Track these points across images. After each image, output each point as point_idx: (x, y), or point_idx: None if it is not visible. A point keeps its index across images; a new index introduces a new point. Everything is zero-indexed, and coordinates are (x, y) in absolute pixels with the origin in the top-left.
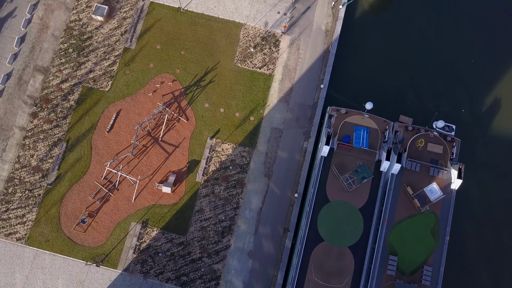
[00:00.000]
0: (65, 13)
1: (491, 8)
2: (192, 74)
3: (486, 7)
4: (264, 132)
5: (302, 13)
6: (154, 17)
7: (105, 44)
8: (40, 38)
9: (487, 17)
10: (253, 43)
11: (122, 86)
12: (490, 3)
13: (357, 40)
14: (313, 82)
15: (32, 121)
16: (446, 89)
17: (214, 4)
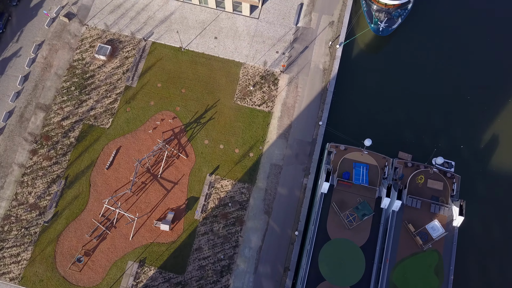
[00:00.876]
0: (69, 53)
1: (484, 46)
2: (193, 111)
3: (479, 45)
4: (263, 169)
5: (300, 52)
6: (156, 56)
7: (107, 83)
8: (43, 76)
9: (482, 54)
10: (252, 82)
11: (123, 123)
12: (483, 41)
13: (354, 78)
14: (312, 119)
15: (32, 158)
16: (444, 125)
17: (214, 44)
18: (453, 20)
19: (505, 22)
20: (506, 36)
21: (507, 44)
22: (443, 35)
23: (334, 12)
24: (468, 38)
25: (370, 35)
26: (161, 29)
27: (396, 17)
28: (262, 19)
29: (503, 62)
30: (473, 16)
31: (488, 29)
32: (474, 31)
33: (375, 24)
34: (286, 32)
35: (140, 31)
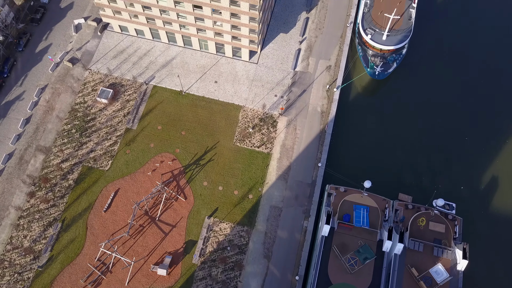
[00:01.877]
0: (71, 96)
1: (479, 89)
2: (192, 153)
3: (473, 87)
4: (263, 211)
5: (298, 95)
6: (157, 99)
7: (107, 125)
8: (45, 119)
9: (476, 96)
10: (251, 124)
11: (122, 165)
12: (476, 83)
13: (352, 120)
14: (311, 161)
15: (29, 201)
16: (443, 166)
17: (214, 88)
18: (447, 63)
19: (498, 66)
20: (500, 79)
21: (502, 87)
22: (438, 78)
23: (331, 57)
24: (462, 81)
25: (366, 78)
26: (163, 73)
27: (391, 61)
28: (261, 64)
29: (499, 104)
30: (466, 60)
31: (481, 71)
32: (468, 74)
33: (371, 68)
34: (284, 76)
35: (142, 75)
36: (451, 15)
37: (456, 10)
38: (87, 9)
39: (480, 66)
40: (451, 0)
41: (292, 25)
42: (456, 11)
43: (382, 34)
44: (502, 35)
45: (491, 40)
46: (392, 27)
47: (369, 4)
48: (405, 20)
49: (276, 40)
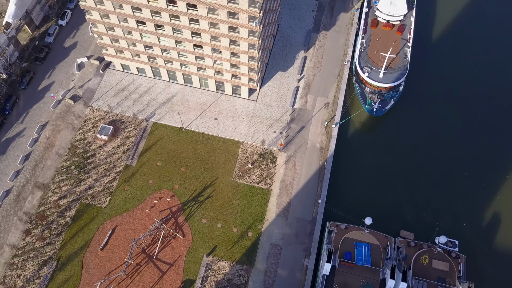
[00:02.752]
0: (72, 133)
1: (475, 125)
2: (191, 189)
3: (470, 123)
4: (262, 249)
5: (297, 132)
6: (156, 136)
7: (107, 162)
8: (44, 156)
9: (472, 132)
10: (251, 160)
11: (120, 202)
12: (473, 120)
13: (352, 156)
14: (311, 197)
15: (24, 239)
16: (444, 202)
17: (214, 124)
18: (444, 99)
19: (495, 101)
20: (498, 113)
21: (500, 121)
22: (435, 114)
23: (329, 94)
24: (459, 116)
25: (364, 115)
26: (163, 110)
27: (388, 98)
28: (260, 101)
29: (497, 138)
30: (462, 95)
31: (478, 106)
32: (465, 109)
33: (369, 105)
34: (283, 113)
35: (142, 112)
36: (446, 53)
37: (450, 47)
38: (90, 49)
39: (477, 100)
40: (445, 39)
41: (291, 63)
42: (450, 49)
43: (379, 72)
44: (498, 69)
45: (487, 74)
46: (389, 65)
47: (366, 44)
48: (401, 59)
49: (275, 78)
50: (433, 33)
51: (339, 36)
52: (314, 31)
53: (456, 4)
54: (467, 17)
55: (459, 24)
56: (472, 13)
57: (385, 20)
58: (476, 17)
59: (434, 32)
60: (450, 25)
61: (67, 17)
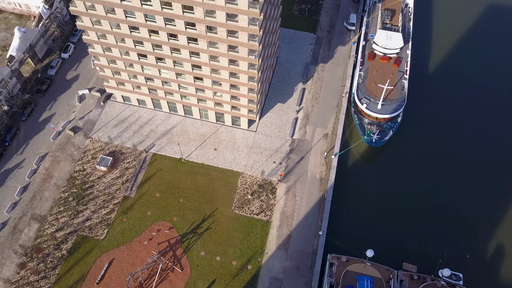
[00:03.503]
0: (71, 164)
1: (475, 153)
2: (190, 221)
3: (469, 151)
4: (262, 283)
5: (296, 162)
6: (156, 166)
7: (105, 193)
8: (42, 187)
9: (475, 162)
10: (250, 190)
11: (118, 234)
12: (474, 148)
13: (352, 187)
14: (311, 229)
15: (19, 272)
16: (447, 234)
17: (213, 155)
18: (443, 130)
19: (494, 132)
20: (497, 146)
21: (498, 154)
22: (434, 145)
23: (328, 125)
24: (459, 148)
25: (364, 146)
26: (163, 141)
27: (387, 129)
28: (260, 132)
29: (497, 170)
30: (461, 127)
31: (475, 138)
32: (464, 141)
33: (368, 136)
34: (282, 143)
35: (142, 143)
36: (442, 84)
37: (446, 80)
38: (92, 81)
39: (475, 131)
40: (441, 71)
41: (289, 95)
42: (446, 81)
43: (377, 103)
44: (494, 99)
45: (484, 105)
46: (386, 97)
47: (363, 76)
48: (399, 90)
49: (274, 110)
50: (429, 65)
51: (337, 68)
52: (313, 64)
53: (451, 37)
54: (462, 49)
55: (454, 56)
56: (467, 46)
57: (382, 53)
58: (470, 50)
59: (430, 64)
60: (446, 58)
61: (70, 51)
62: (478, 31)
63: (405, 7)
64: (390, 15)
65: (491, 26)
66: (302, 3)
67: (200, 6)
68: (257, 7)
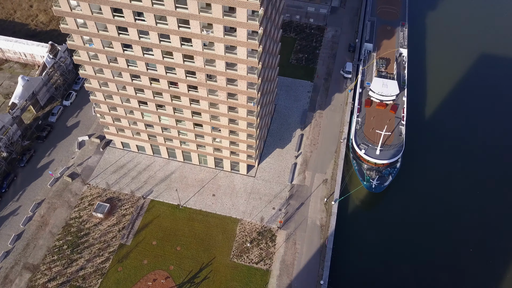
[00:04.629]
0: (67, 211)
1: (476, 197)
2: (187, 270)
3: (470, 196)
4: None
5: (296, 208)
6: (153, 213)
7: (101, 241)
8: (37, 235)
9: (475, 209)
10: (249, 238)
11: (112, 285)
12: (473, 194)
13: (353, 234)
14: (312, 278)
15: None
16: (451, 281)
17: (212, 201)
18: (442, 177)
19: (493, 178)
20: (495, 189)
21: (498, 198)
22: (434, 191)
23: (327, 171)
24: (457, 193)
25: (364, 191)
26: (161, 188)
27: (386, 175)
28: (259, 177)
29: (498, 214)
30: (459, 173)
31: (475, 182)
32: (463, 186)
33: (367, 181)
34: (282, 189)
35: (140, 189)
36: (439, 130)
37: (443, 125)
38: (92, 127)
39: (475, 174)
40: (438, 117)
41: (288, 141)
42: (443, 126)
43: (376, 149)
44: (491, 145)
45: (483, 152)
46: (384, 143)
47: (361, 122)
48: (396, 136)
49: (273, 155)
50: (426, 111)
51: (335, 115)
52: (310, 111)
53: (445, 85)
54: (457, 96)
55: (449, 103)
56: (461, 93)
57: (379, 99)
58: (464, 97)
59: (426, 110)
60: (441, 104)
61: (71, 98)
62: (471, 78)
63: (399, 56)
64: (385, 64)
65: (484, 73)
66: (299, 52)
67: (200, 56)
68: (256, 56)
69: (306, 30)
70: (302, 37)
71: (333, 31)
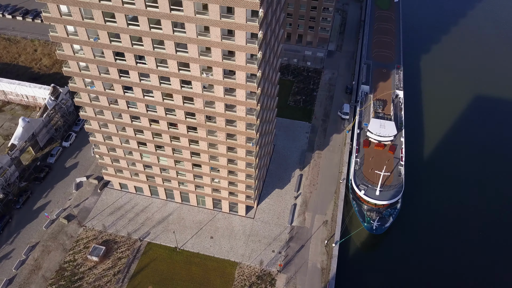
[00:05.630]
0: (61, 254)
1: (476, 238)
2: None
3: (472, 238)
4: None
5: (296, 251)
6: (150, 256)
7: (95, 285)
8: (29, 279)
9: (478, 243)
10: (248, 282)
11: None
12: (476, 232)
13: (355, 277)
14: None
15: None
16: None
17: (210, 244)
18: (443, 217)
19: (490, 216)
20: (496, 227)
21: (501, 236)
22: (435, 231)
23: (327, 212)
24: (459, 230)
25: (365, 233)
26: (158, 230)
27: (387, 216)
28: (258, 219)
29: (502, 251)
30: (460, 212)
31: (475, 218)
32: (465, 225)
33: (368, 223)
34: (281, 231)
35: (137, 231)
36: (439, 170)
37: (442, 165)
38: (91, 168)
39: (476, 214)
40: (436, 157)
41: (287, 181)
42: (443, 166)
43: (375, 190)
44: (488, 184)
45: (481, 191)
46: (384, 183)
47: (360, 162)
48: (395, 177)
49: (272, 196)
50: (424, 151)
51: (333, 155)
52: (309, 151)
53: (442, 125)
54: (454, 136)
55: (446, 143)
56: (458, 133)
57: (377, 140)
58: (461, 137)
59: (425, 150)
60: (439, 144)
61: (71, 139)
62: (467, 117)
63: (395, 98)
64: (382, 105)
65: (479, 112)
66: (297, 94)
67: (200, 97)
68: (254, 98)
69: (303, 73)
70: (299, 80)
71: (330, 73)
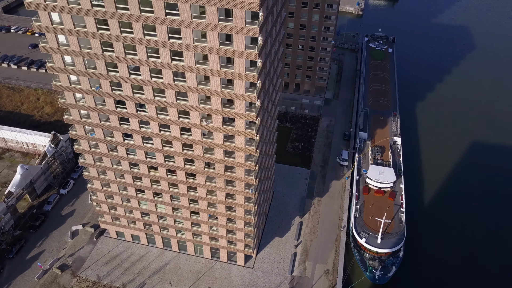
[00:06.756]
0: None
1: (483, 259)
2: None
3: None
4: None
5: None
6: None
7: None
8: None
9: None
10: None
11: None
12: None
13: None
14: None
15: None
16: None
17: None
18: (446, 263)
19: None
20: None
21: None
22: (439, 279)
23: (328, 261)
24: (465, 277)
25: (367, 283)
26: (154, 280)
27: (389, 264)
28: (257, 269)
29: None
30: (465, 258)
31: (480, 264)
32: (469, 269)
33: (370, 272)
34: (281, 281)
35: (133, 282)
36: (440, 216)
37: (444, 212)
38: (87, 216)
39: (482, 260)
40: (438, 203)
41: (287, 229)
42: (444, 213)
43: (377, 238)
44: (495, 225)
45: (487, 235)
46: (385, 231)
47: (360, 209)
48: (397, 224)
49: (272, 244)
50: (425, 198)
51: (333, 202)
52: (308, 198)
53: (442, 170)
54: (455, 180)
55: (447, 188)
56: (458, 177)
57: (376, 187)
58: (462, 181)
59: (425, 197)
60: (439, 189)
61: (69, 187)
62: (465, 161)
63: (393, 144)
64: (380, 152)
65: (477, 157)
66: (296, 141)
67: (199, 144)
68: (253, 145)
69: (301, 120)
70: (297, 127)
71: (327, 121)
